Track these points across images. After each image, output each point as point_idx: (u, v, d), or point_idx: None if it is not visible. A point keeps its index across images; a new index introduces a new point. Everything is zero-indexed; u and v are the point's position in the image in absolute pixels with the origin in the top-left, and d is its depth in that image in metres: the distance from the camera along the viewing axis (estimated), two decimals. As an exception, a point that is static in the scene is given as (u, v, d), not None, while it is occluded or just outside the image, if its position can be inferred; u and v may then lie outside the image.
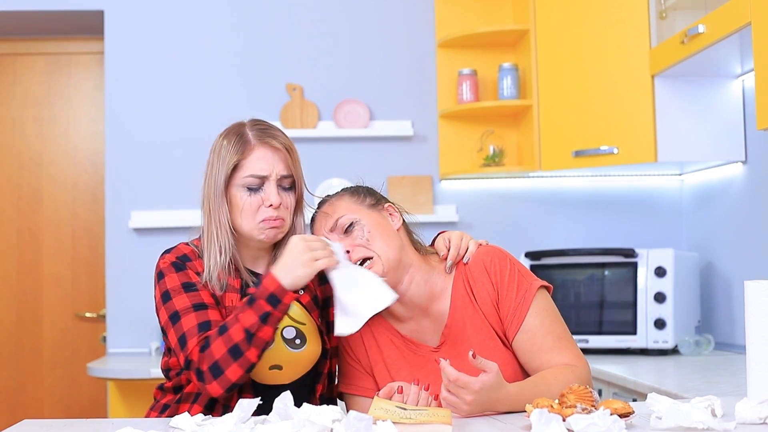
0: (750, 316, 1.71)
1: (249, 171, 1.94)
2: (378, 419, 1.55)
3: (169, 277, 1.93)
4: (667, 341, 3.35)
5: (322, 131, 3.94)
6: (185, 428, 1.65)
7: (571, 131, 3.59)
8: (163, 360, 2.03)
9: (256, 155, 1.95)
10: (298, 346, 1.96)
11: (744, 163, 3.39)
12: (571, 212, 4.00)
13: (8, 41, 4.33)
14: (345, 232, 1.93)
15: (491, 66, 3.94)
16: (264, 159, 1.95)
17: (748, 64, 3.15)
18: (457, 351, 1.91)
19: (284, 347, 1.95)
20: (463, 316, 1.93)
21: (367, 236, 1.92)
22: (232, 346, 1.79)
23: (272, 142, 1.96)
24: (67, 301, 4.28)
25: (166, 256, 1.97)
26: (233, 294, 1.95)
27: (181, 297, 1.90)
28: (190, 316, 1.87)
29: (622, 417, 1.55)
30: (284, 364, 1.95)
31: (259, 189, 1.94)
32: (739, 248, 3.42)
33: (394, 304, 1.90)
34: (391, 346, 1.97)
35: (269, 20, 4.00)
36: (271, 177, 1.94)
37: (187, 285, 1.92)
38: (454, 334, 1.93)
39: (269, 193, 1.94)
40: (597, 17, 3.52)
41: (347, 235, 1.93)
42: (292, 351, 1.95)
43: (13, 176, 4.31)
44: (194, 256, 1.97)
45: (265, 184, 1.94)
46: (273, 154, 1.96)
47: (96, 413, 4.13)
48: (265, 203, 1.93)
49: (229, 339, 1.80)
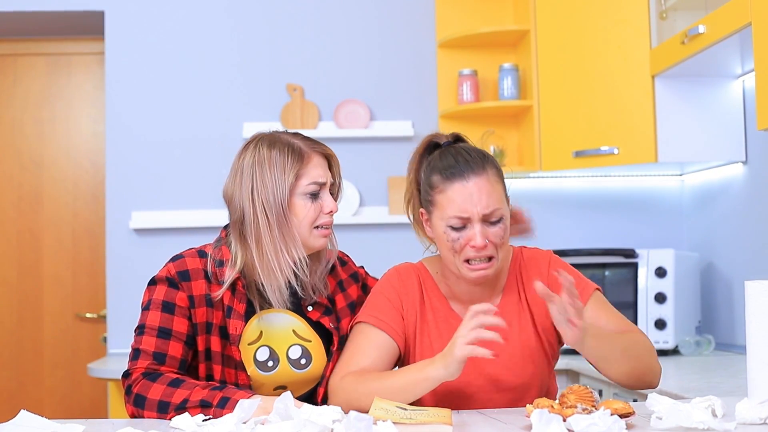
0: (750, 316, 1.71)
1: (310, 179, 1.93)
2: (378, 419, 1.55)
3: (158, 288, 1.93)
4: (667, 341, 3.35)
5: (323, 131, 3.94)
6: (185, 428, 1.65)
7: (572, 132, 3.59)
8: None
9: (314, 163, 1.95)
10: (303, 366, 1.97)
11: (744, 163, 3.39)
12: (571, 213, 4.00)
13: (9, 42, 4.33)
14: (489, 222, 1.86)
15: (492, 66, 3.94)
16: (321, 166, 1.96)
17: (748, 65, 3.15)
18: None
19: (289, 369, 1.95)
20: (510, 309, 1.96)
21: (503, 236, 1.87)
22: (163, 402, 1.80)
23: (324, 149, 1.98)
24: (67, 301, 4.28)
25: (169, 266, 1.94)
26: (237, 321, 1.92)
27: (155, 314, 1.91)
28: (151, 339, 1.88)
29: (622, 417, 1.55)
30: (289, 384, 1.96)
31: (317, 196, 1.94)
32: (740, 248, 3.42)
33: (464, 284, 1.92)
34: (438, 314, 1.96)
35: (269, 21, 4.00)
36: (327, 184, 1.97)
37: (165, 304, 1.91)
38: None
39: (326, 200, 1.95)
40: (597, 17, 3.52)
41: (488, 224, 1.85)
42: (297, 372, 1.96)
43: (14, 176, 4.31)
44: (197, 275, 1.92)
45: (321, 191, 1.95)
46: (325, 161, 1.98)
47: (96, 413, 4.13)
48: (324, 210, 1.94)
49: (168, 394, 1.80)
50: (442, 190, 1.86)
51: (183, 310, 1.90)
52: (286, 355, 1.95)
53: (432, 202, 1.89)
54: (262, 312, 1.96)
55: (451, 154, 1.89)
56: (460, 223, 1.83)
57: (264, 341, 1.95)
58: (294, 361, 1.96)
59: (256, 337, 1.95)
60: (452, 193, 1.84)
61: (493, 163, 1.90)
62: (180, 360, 1.89)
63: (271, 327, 1.96)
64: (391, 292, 1.95)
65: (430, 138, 2.00)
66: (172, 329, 1.89)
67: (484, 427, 1.64)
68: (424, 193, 1.91)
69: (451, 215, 1.84)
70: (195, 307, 1.91)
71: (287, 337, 1.97)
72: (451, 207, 1.84)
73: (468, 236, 1.83)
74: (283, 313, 1.98)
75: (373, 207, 3.96)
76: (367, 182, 3.98)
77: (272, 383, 1.95)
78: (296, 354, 1.96)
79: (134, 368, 1.87)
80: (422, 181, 1.93)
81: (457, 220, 1.83)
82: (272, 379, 1.94)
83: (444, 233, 1.86)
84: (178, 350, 1.89)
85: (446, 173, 1.86)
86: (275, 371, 1.94)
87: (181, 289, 1.91)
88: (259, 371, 1.94)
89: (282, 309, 1.97)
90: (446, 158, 1.89)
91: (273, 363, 1.95)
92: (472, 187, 1.83)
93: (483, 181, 1.85)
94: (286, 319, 1.98)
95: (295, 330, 1.97)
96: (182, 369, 1.89)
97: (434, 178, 1.88)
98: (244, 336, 1.94)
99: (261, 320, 1.96)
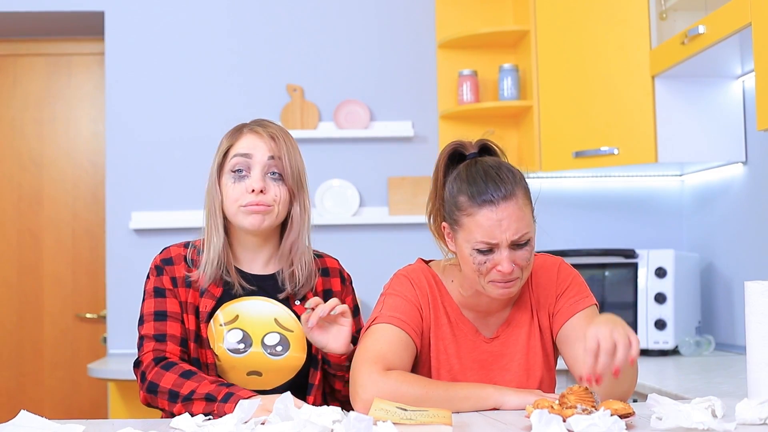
0: (750, 316, 1.71)
1: (234, 151, 1.98)
2: (378, 420, 1.55)
3: (149, 278, 2.02)
4: (667, 342, 3.35)
5: (323, 132, 3.94)
6: (185, 429, 1.65)
7: (572, 132, 3.59)
8: None
9: (244, 139, 2.00)
10: (279, 353, 1.97)
11: (744, 163, 3.39)
12: (571, 213, 4.00)
13: (9, 42, 4.33)
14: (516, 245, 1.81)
15: (492, 67, 3.94)
16: (250, 141, 1.99)
17: (748, 65, 3.15)
18: (507, 349, 1.95)
19: (263, 354, 1.97)
20: (521, 319, 1.96)
21: (529, 259, 1.84)
22: (173, 391, 1.85)
23: (260, 129, 2.00)
24: (67, 301, 4.28)
25: (156, 257, 2.03)
26: (208, 300, 1.97)
27: (150, 301, 1.99)
28: (150, 324, 1.97)
29: (622, 418, 1.55)
30: (263, 371, 1.97)
31: (245, 176, 1.97)
32: (740, 249, 3.42)
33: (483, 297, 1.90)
34: (451, 319, 1.95)
35: (269, 21, 4.01)
36: (256, 159, 1.97)
37: (156, 290, 1.99)
38: (508, 332, 1.96)
39: (253, 178, 1.96)
40: (597, 18, 3.52)
41: (516, 248, 1.81)
42: (271, 358, 1.97)
43: (14, 177, 4.31)
44: (179, 260, 2.01)
45: (251, 170, 1.96)
46: (259, 139, 1.99)
47: (96, 414, 4.13)
48: (247, 189, 1.95)
49: (179, 384, 1.85)
50: (469, 213, 1.81)
51: (171, 291, 1.98)
52: (261, 341, 1.97)
53: (458, 222, 1.84)
54: (247, 298, 2.00)
55: (480, 176, 1.83)
56: (487, 248, 1.80)
57: (238, 324, 1.98)
58: (269, 347, 1.97)
59: (231, 319, 1.98)
60: (481, 218, 1.79)
61: (521, 184, 1.84)
62: (180, 338, 1.95)
63: (250, 312, 1.99)
64: (408, 292, 1.93)
65: (455, 146, 1.94)
66: (167, 310, 1.97)
67: (484, 427, 1.64)
68: (450, 211, 1.86)
69: (479, 240, 1.79)
70: (177, 287, 1.99)
71: (267, 324, 1.99)
72: (478, 232, 1.79)
73: (495, 261, 1.80)
74: (271, 303, 2.01)
75: (373, 207, 3.96)
76: (367, 182, 3.98)
77: (244, 367, 1.96)
78: (273, 341, 1.97)
79: (142, 356, 1.94)
80: (447, 198, 1.88)
81: (485, 245, 1.80)
82: (243, 363, 1.96)
83: (470, 256, 1.82)
84: (176, 329, 1.96)
85: (475, 198, 1.80)
86: (245, 354, 1.96)
87: (165, 273, 1.99)
88: (228, 352, 1.96)
89: (269, 298, 2.00)
90: (474, 179, 1.83)
91: (244, 346, 1.96)
92: (501, 213, 1.78)
93: (512, 207, 1.79)
94: (270, 307, 2.00)
95: (277, 319, 1.99)
96: (184, 346, 1.95)
97: (461, 199, 1.83)
98: (219, 317, 1.98)
99: (242, 305, 1.99)
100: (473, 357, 1.94)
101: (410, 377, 1.82)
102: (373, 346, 1.86)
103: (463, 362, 1.93)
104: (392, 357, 1.84)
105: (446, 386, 1.83)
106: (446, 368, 1.93)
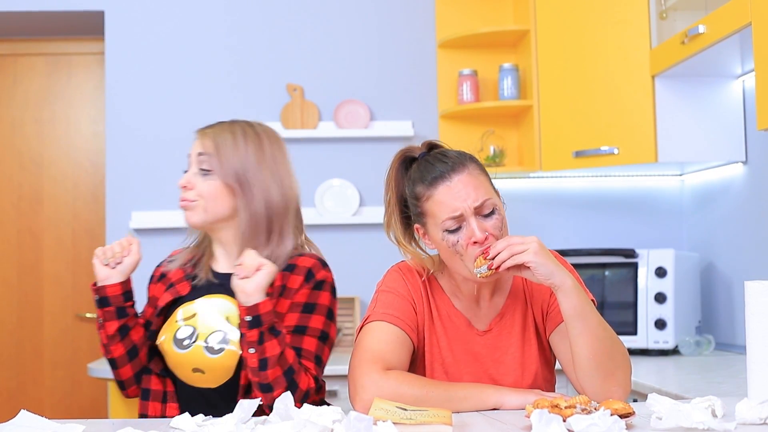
0: (750, 316, 1.71)
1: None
2: (378, 419, 1.55)
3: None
4: (667, 341, 3.35)
5: (323, 132, 3.94)
6: (185, 428, 1.65)
7: (572, 132, 3.59)
8: None
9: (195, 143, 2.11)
10: (216, 351, 1.97)
11: (744, 163, 3.39)
12: (571, 213, 4.00)
13: (8, 42, 4.33)
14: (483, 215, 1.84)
15: (492, 66, 3.94)
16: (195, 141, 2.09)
17: (748, 65, 3.15)
18: (501, 342, 1.94)
19: (202, 352, 1.98)
20: (514, 311, 1.95)
21: (501, 228, 1.85)
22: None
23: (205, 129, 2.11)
24: (67, 301, 4.28)
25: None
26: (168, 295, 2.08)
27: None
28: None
29: (622, 417, 1.55)
30: (205, 369, 1.98)
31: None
32: (740, 248, 3.42)
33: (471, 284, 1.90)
34: (442, 312, 1.95)
35: (269, 21, 4.01)
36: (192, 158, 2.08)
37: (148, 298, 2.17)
38: (501, 324, 1.95)
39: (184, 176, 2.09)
40: (597, 18, 3.52)
41: (483, 218, 1.83)
42: (209, 356, 1.97)
43: (14, 177, 4.31)
44: (155, 279, 2.18)
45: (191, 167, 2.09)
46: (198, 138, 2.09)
47: (96, 414, 4.13)
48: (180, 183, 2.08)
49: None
50: (428, 197, 1.84)
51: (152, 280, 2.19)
52: (206, 338, 1.98)
53: (423, 213, 1.87)
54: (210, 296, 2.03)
55: (428, 162, 1.89)
56: (455, 224, 1.82)
57: (192, 322, 2.00)
58: (210, 345, 1.97)
59: (189, 316, 2.01)
60: (439, 196, 1.83)
61: (471, 159, 1.89)
62: (146, 320, 2.10)
63: (206, 310, 2.02)
64: (400, 288, 1.93)
65: (403, 153, 1.99)
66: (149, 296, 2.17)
67: (484, 427, 1.64)
68: (413, 207, 1.90)
69: (444, 217, 1.82)
70: (151, 282, 2.18)
71: (216, 321, 2.00)
72: (441, 210, 1.82)
73: (467, 234, 1.81)
74: (227, 300, 2.01)
75: (373, 207, 3.96)
76: (367, 182, 3.98)
77: (188, 363, 1.98)
78: (216, 339, 1.97)
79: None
80: (408, 197, 1.91)
81: (452, 221, 1.81)
82: (187, 359, 1.98)
83: (443, 240, 1.84)
84: (147, 312, 2.12)
85: (428, 180, 1.85)
86: (188, 350, 1.98)
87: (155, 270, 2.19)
88: (175, 348, 1.99)
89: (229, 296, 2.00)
90: (425, 167, 1.88)
91: (188, 342, 1.98)
92: (457, 185, 1.82)
93: (466, 176, 1.83)
94: (225, 305, 2.01)
95: (229, 317, 2.00)
96: (146, 328, 2.08)
97: (418, 189, 1.87)
98: (179, 313, 2.03)
99: (202, 302, 2.03)
100: (466, 350, 1.93)
101: (410, 377, 1.82)
102: (370, 345, 1.85)
103: (455, 355, 1.92)
104: (390, 356, 1.84)
105: (446, 386, 1.83)
106: (439, 361, 1.92)
